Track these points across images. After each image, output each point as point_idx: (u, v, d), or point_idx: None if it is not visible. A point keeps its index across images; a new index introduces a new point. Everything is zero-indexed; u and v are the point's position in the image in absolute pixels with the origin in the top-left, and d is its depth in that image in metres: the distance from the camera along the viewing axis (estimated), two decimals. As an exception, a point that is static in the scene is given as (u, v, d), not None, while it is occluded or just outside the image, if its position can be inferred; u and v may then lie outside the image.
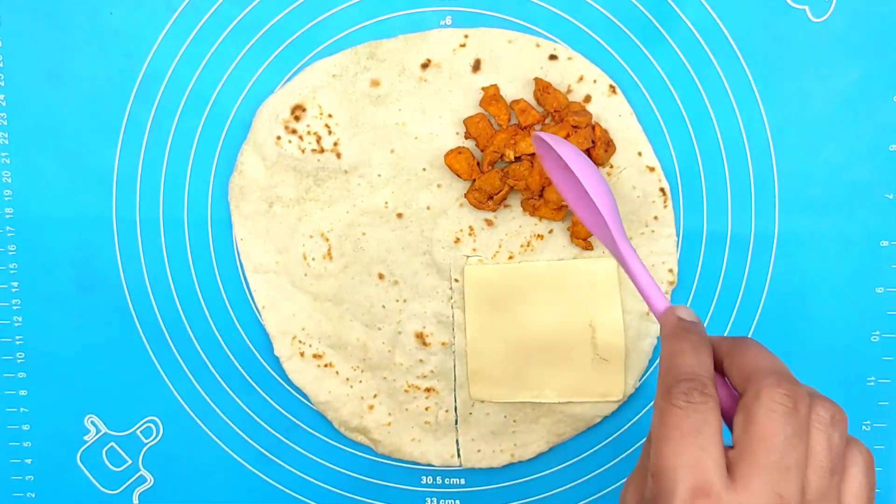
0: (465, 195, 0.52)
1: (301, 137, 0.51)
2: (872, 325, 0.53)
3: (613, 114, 0.51)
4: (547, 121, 0.51)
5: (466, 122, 0.51)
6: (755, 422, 0.32)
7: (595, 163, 0.51)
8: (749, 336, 0.53)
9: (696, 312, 0.39)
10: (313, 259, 0.53)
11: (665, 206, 0.52)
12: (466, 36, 0.51)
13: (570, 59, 0.51)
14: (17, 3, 0.51)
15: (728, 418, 0.35)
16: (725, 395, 0.36)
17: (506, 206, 0.52)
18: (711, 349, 0.36)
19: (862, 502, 0.33)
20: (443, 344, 0.53)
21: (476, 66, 0.51)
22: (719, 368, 0.36)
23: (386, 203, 0.52)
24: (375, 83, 0.51)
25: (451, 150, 0.51)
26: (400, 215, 0.52)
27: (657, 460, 0.32)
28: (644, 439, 0.54)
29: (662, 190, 0.52)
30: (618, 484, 0.55)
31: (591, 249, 0.52)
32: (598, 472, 0.55)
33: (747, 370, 0.35)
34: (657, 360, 0.54)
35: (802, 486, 0.32)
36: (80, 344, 0.54)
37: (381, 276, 0.53)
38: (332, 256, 0.53)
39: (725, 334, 0.53)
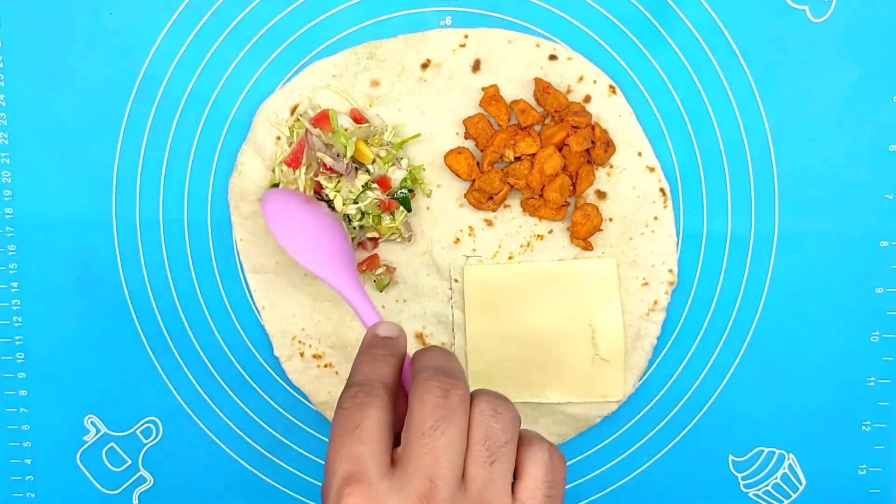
0: (465, 195, 0.52)
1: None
2: (872, 325, 0.53)
3: (613, 114, 0.51)
4: (547, 121, 0.51)
5: (466, 122, 0.51)
6: (410, 412, 0.34)
7: (595, 163, 0.51)
8: (748, 336, 0.53)
9: (400, 327, 0.41)
10: (313, 259, 0.53)
11: (665, 207, 0.52)
12: (466, 36, 0.51)
13: (570, 59, 0.51)
14: (17, 3, 0.51)
15: None
16: None
17: (506, 206, 0.52)
18: (398, 361, 0.38)
19: (535, 500, 0.33)
20: (443, 344, 0.53)
21: (476, 67, 0.51)
22: None
23: (386, 203, 0.52)
24: (375, 83, 0.51)
25: (451, 150, 0.51)
26: (400, 215, 0.52)
27: (326, 459, 0.34)
28: (642, 443, 0.54)
29: (662, 190, 0.52)
30: (618, 484, 0.55)
31: (591, 249, 0.52)
32: (598, 472, 0.55)
33: (415, 370, 0.36)
34: (657, 361, 0.54)
35: (460, 474, 0.33)
36: (80, 344, 0.54)
37: (381, 276, 0.53)
38: (332, 256, 0.53)
39: (725, 335, 0.53)
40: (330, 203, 0.50)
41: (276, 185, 0.51)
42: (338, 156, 0.49)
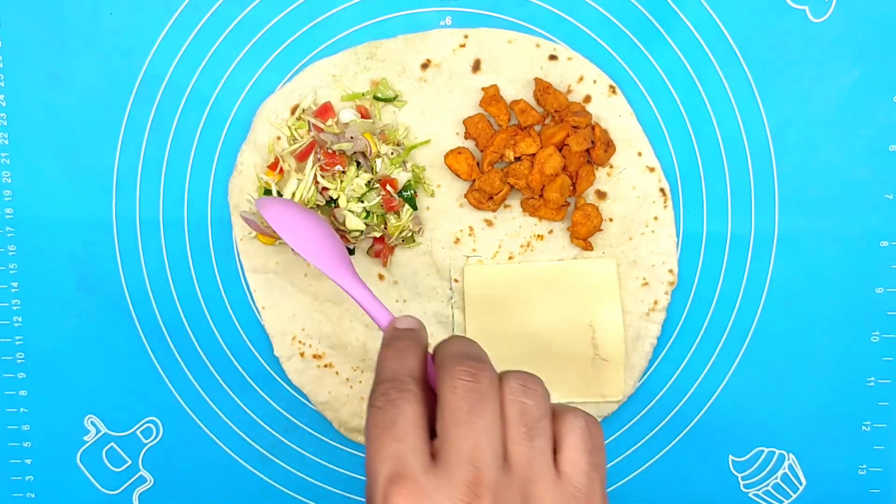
0: (465, 195, 0.52)
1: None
2: (872, 325, 0.53)
3: (613, 114, 0.51)
4: (547, 121, 0.51)
5: (466, 122, 0.51)
6: (442, 402, 0.33)
7: (595, 163, 0.51)
8: (748, 336, 0.53)
9: (418, 319, 0.40)
10: (313, 259, 0.53)
11: (665, 207, 0.52)
12: (466, 36, 0.51)
13: (570, 59, 0.51)
14: (17, 3, 0.51)
15: None
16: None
17: (506, 206, 0.52)
18: (422, 352, 0.37)
19: (580, 468, 0.33)
20: (443, 344, 0.53)
21: (476, 67, 0.51)
22: None
23: (386, 203, 0.52)
24: (375, 83, 0.51)
25: (451, 150, 0.51)
26: (400, 215, 0.52)
27: (366, 460, 0.33)
28: (642, 443, 0.54)
29: (662, 190, 0.52)
30: (618, 484, 0.55)
31: (591, 249, 0.52)
32: (598, 472, 0.55)
33: (440, 359, 0.35)
34: (657, 361, 0.54)
35: (502, 455, 0.32)
36: (80, 344, 0.54)
37: (380, 277, 0.53)
38: (332, 256, 0.53)
39: (725, 335, 0.53)
40: (332, 203, 0.50)
41: (267, 193, 0.51)
42: (351, 138, 0.49)
